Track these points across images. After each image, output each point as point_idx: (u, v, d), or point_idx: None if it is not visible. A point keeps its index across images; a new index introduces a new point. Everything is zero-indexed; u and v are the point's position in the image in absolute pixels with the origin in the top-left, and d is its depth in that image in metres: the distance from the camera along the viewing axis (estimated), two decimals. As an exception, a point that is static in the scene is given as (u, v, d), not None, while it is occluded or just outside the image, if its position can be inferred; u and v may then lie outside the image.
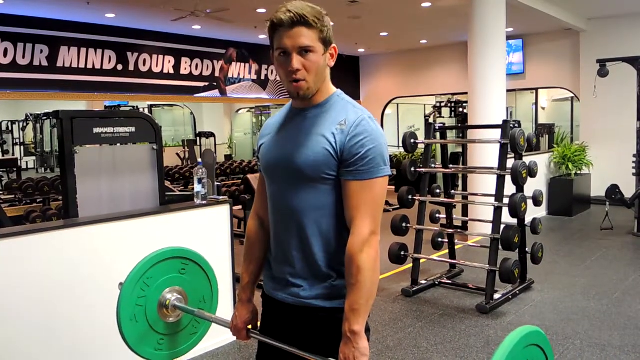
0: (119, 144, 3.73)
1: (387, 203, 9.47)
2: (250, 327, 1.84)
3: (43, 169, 13.96)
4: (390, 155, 8.39)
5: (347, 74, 12.52)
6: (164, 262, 2.00)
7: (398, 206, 5.30)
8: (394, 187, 11.16)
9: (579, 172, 8.84)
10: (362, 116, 1.57)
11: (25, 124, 14.32)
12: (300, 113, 1.64)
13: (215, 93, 10.37)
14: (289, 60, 1.52)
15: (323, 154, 1.54)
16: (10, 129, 14.35)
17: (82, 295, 3.09)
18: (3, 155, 13.07)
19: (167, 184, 6.16)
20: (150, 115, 3.95)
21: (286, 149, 1.62)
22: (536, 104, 12.22)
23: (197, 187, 3.68)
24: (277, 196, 1.67)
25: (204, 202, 3.68)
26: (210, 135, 13.35)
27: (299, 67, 1.52)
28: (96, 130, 3.56)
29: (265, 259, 1.81)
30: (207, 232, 3.74)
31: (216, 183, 4.12)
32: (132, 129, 3.70)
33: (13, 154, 13.73)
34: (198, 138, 13.71)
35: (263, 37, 10.12)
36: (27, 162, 14.39)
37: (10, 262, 2.83)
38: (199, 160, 4.00)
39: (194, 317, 2.05)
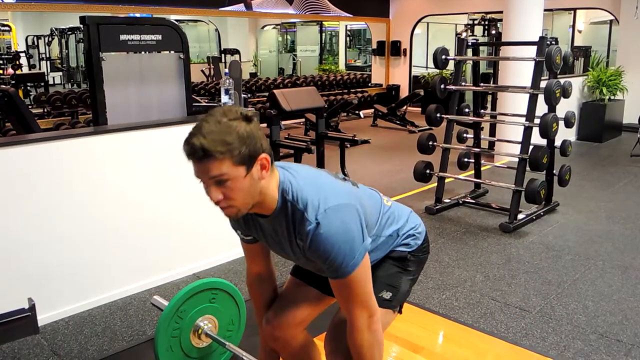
0: (145, 52, 3.69)
1: (413, 124, 9.38)
2: None
3: (70, 84, 14.02)
4: (417, 76, 8.24)
5: (376, -10, 12.06)
6: (196, 295, 2.13)
7: (425, 127, 5.25)
8: (420, 109, 11.02)
9: (612, 97, 8.57)
10: (310, 228, 1.44)
11: (50, 39, 14.26)
12: (263, 220, 1.58)
13: (241, 7, 10.10)
14: (208, 191, 1.40)
15: (315, 263, 1.55)
16: (35, 43, 14.31)
17: (112, 198, 3.18)
18: (30, 70, 13.11)
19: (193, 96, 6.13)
20: (176, 23, 3.87)
21: (290, 258, 1.67)
22: (573, 26, 11.70)
23: (224, 98, 3.66)
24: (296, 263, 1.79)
25: (231, 113, 3.67)
26: (235, 52, 13.14)
27: (219, 198, 1.40)
28: (122, 37, 3.52)
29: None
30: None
31: (243, 95, 4.10)
32: (159, 37, 3.65)
33: (39, 69, 13.76)
34: (223, 55, 13.52)
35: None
36: (53, 78, 14.44)
37: (42, 165, 2.89)
38: (226, 71, 3.96)
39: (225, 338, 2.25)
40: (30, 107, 8.56)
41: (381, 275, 1.72)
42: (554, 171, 4.88)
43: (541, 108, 4.59)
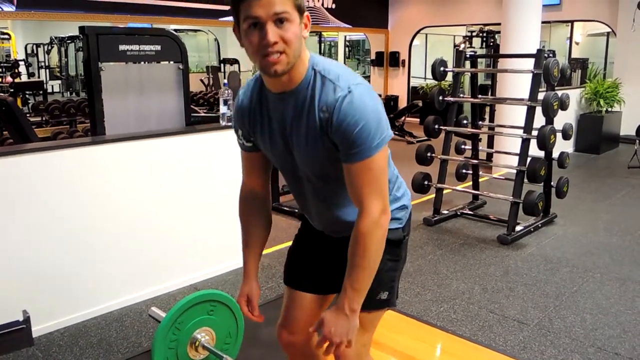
0: (144, 62, 3.69)
1: (411, 135, 9.39)
2: None
3: (68, 92, 14.04)
4: (416, 87, 8.27)
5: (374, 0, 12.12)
6: (194, 307, 2.12)
7: (423, 138, 5.25)
8: (418, 120, 11.04)
9: (610, 109, 8.61)
10: (341, 94, 1.38)
11: (50, 47, 14.30)
12: (280, 100, 1.48)
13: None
14: (264, 32, 1.30)
15: (329, 152, 1.46)
16: (35, 52, 14.34)
17: (109, 208, 3.17)
18: (29, 78, 13.13)
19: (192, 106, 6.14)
20: (175, 33, 3.88)
21: (291, 155, 1.54)
22: (570, 38, 11.78)
23: (223, 109, 3.67)
24: (294, 182, 1.66)
25: (229, 123, 3.67)
26: (234, 62, 13.19)
27: (276, 39, 1.31)
28: (122, 47, 3.52)
29: (267, 230, 1.82)
30: (231, 153, 3.75)
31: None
32: (158, 48, 3.66)
33: (38, 77, 13.78)
34: (222, 65, 13.56)
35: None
36: (52, 86, 14.46)
37: (39, 175, 2.88)
38: (225, 82, 3.97)
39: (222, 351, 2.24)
40: (28, 115, 8.58)
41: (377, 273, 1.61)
42: (552, 183, 4.89)
43: (539, 120, 4.61)
